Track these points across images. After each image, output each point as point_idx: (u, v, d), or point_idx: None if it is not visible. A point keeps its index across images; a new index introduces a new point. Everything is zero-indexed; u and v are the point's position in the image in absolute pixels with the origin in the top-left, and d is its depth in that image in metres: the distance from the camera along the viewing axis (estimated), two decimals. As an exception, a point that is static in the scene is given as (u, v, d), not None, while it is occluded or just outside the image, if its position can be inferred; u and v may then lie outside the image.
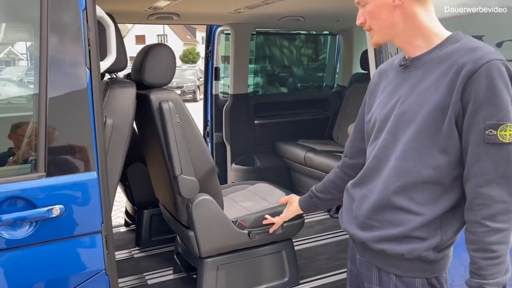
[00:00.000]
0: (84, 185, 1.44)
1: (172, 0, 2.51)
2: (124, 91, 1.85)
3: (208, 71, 3.83)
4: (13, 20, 1.69)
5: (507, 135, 1.05)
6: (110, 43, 1.65)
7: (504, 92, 1.05)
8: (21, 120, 1.52)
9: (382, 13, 1.19)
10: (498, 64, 1.05)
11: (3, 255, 1.34)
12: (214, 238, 2.07)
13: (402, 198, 1.18)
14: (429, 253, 1.17)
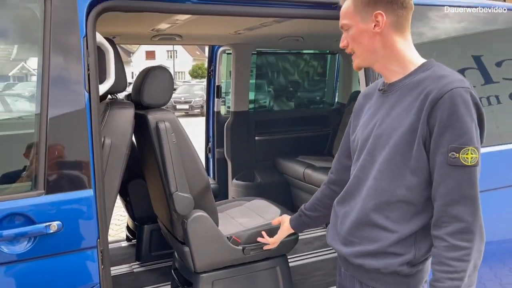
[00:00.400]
0: (81, 202, 1.51)
1: (173, 23, 2.61)
2: (123, 112, 1.94)
3: (210, 89, 3.93)
4: (17, 41, 1.80)
5: (469, 158, 1.12)
6: (109, 68, 1.75)
7: (467, 117, 1.12)
8: (21, 139, 1.61)
9: (363, 38, 1.27)
10: (461, 91, 1.13)
11: (2, 269, 1.42)
12: (209, 254, 2.13)
13: (378, 216, 1.26)
14: (403, 268, 1.24)
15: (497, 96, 2.36)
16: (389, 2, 1.23)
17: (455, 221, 1.13)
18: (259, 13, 1.98)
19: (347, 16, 1.29)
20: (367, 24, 1.25)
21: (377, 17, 1.24)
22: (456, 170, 1.13)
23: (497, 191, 2.27)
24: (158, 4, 1.74)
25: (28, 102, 1.59)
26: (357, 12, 1.26)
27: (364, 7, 1.25)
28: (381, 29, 1.24)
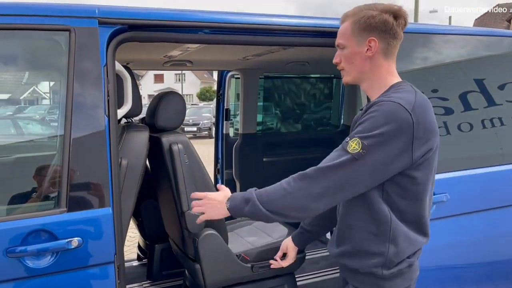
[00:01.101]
0: (100, 219, 1.61)
1: (184, 50, 2.75)
2: (138, 135, 2.05)
3: (219, 112, 4.05)
4: (43, 69, 1.93)
5: (351, 146, 1.27)
6: (127, 94, 1.87)
7: (379, 121, 1.26)
8: (45, 159, 1.72)
9: (355, 59, 1.41)
10: (389, 103, 1.27)
11: (27, 282, 1.51)
12: (219, 271, 2.20)
13: (350, 217, 1.42)
14: (378, 269, 1.36)
15: (500, 118, 2.44)
16: (383, 31, 1.36)
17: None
18: (267, 42, 2.11)
19: (344, 37, 1.42)
20: (361, 48, 1.38)
21: (370, 43, 1.37)
22: (339, 149, 1.31)
23: (502, 210, 2.34)
24: (173, 35, 1.87)
25: (52, 126, 1.71)
26: (353, 35, 1.39)
27: (360, 32, 1.38)
28: (372, 54, 1.38)
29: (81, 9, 1.68)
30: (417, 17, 18.09)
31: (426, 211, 1.41)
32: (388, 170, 1.28)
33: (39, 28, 1.62)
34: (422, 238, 1.42)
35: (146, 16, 1.79)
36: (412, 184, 1.34)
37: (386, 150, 1.25)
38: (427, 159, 1.33)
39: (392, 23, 1.36)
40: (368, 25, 1.37)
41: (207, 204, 1.56)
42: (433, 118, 1.34)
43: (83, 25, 1.66)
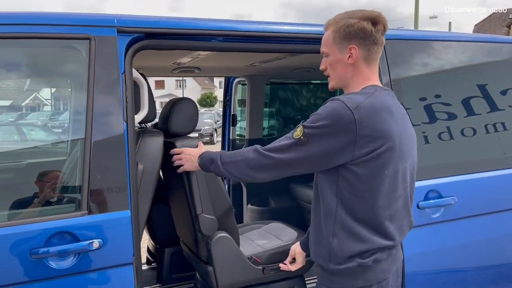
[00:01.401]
0: (120, 222, 1.66)
1: (195, 57, 2.81)
2: (153, 140, 2.11)
3: (226, 118, 4.11)
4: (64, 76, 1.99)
5: (296, 131, 1.44)
6: (143, 100, 1.93)
7: (322, 115, 1.39)
8: (66, 164, 1.78)
9: (338, 66, 1.49)
10: (336, 102, 1.39)
11: (50, 283, 1.56)
12: (231, 273, 2.24)
13: (312, 210, 1.57)
14: (325, 262, 1.46)
15: (503, 123, 2.50)
16: (363, 38, 1.43)
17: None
18: (277, 49, 2.17)
19: (327, 45, 1.50)
20: (343, 55, 1.46)
21: (351, 50, 1.44)
22: (289, 134, 1.48)
23: (506, 213, 2.38)
24: (187, 43, 1.93)
25: (73, 131, 1.76)
26: (335, 43, 1.47)
27: (341, 40, 1.45)
28: (353, 61, 1.45)
29: (101, 18, 1.75)
30: (417, 23, 18.19)
31: (383, 212, 1.42)
32: (328, 160, 1.40)
33: (61, 37, 1.68)
34: (379, 239, 1.43)
35: (162, 25, 1.86)
36: (356, 180, 1.39)
37: (325, 141, 1.37)
38: (373, 159, 1.37)
39: (370, 30, 1.42)
40: (347, 33, 1.43)
41: (184, 158, 1.93)
42: (384, 121, 1.37)
43: (102, 34, 1.72)
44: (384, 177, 1.40)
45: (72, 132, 1.79)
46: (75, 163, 1.70)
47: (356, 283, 1.44)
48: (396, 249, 1.51)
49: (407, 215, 1.52)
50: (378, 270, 1.45)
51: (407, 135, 1.47)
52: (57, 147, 1.90)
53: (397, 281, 1.55)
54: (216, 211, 2.21)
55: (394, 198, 1.44)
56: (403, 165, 1.44)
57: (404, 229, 1.51)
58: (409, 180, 1.51)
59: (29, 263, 1.52)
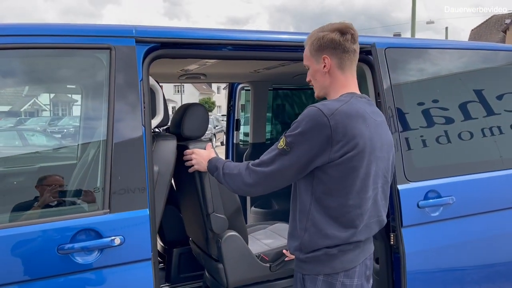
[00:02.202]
0: (140, 220, 1.77)
1: (202, 64, 2.93)
2: (167, 143, 2.22)
3: (230, 123, 4.22)
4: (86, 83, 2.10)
5: (280, 142, 1.57)
6: (159, 105, 2.04)
7: (300, 123, 1.51)
8: (89, 165, 1.89)
9: (317, 76, 1.65)
10: (311, 108, 1.51)
11: (75, 277, 1.66)
12: (240, 270, 2.35)
13: (291, 207, 1.69)
14: (297, 252, 1.62)
15: (499, 127, 2.61)
16: (333, 48, 1.59)
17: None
18: (282, 57, 2.29)
19: (306, 58, 1.67)
20: (319, 65, 1.62)
21: (324, 60, 1.60)
22: (273, 146, 1.60)
23: (502, 212, 2.49)
24: (200, 52, 2.05)
25: (96, 135, 1.87)
26: (311, 55, 1.63)
27: (316, 52, 1.61)
28: (327, 69, 1.61)
29: (120, 29, 1.86)
30: (414, 29, 18.39)
31: (353, 211, 1.55)
32: (309, 164, 1.51)
33: (83, 47, 1.79)
34: (347, 235, 1.55)
35: (176, 35, 1.97)
36: (330, 182, 1.52)
37: (306, 146, 1.49)
38: (345, 161, 1.49)
39: (339, 40, 1.58)
40: (320, 45, 1.60)
41: (195, 158, 2.12)
42: (356, 127, 1.49)
43: (122, 44, 1.83)
44: (355, 179, 1.52)
45: (96, 136, 1.89)
46: (98, 164, 1.81)
47: (323, 270, 1.58)
48: (364, 243, 1.65)
49: (377, 215, 1.65)
50: (344, 260, 1.58)
51: (381, 140, 1.59)
52: (81, 149, 2.01)
53: (366, 272, 1.66)
54: (227, 210, 2.32)
55: (365, 199, 1.56)
56: (374, 168, 1.56)
57: (373, 227, 1.65)
58: (381, 182, 1.63)
59: (56, 258, 1.63)
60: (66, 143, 2.77)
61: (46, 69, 1.90)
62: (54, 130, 4.81)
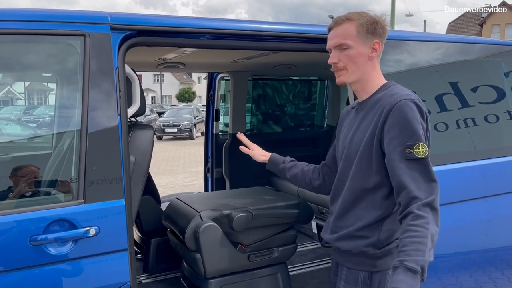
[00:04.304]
0: (114, 210, 1.75)
1: (180, 53, 2.89)
2: (144, 133, 2.19)
3: (209, 113, 4.20)
4: (60, 71, 2.05)
5: (421, 152, 1.40)
6: (135, 94, 2.01)
7: (414, 121, 1.42)
8: (63, 155, 1.84)
9: (359, 59, 1.54)
10: (407, 102, 1.44)
11: (49, 268, 1.63)
12: (218, 260, 2.35)
13: (353, 208, 1.58)
14: (369, 249, 1.52)
15: (473, 119, 2.67)
16: (381, 37, 1.56)
17: (418, 200, 1.36)
18: (265, 47, 2.28)
19: (350, 38, 1.53)
20: (366, 49, 1.54)
21: (374, 45, 1.54)
22: (412, 163, 1.40)
23: (475, 201, 2.56)
24: (177, 40, 2.02)
25: (71, 124, 1.83)
26: (359, 36, 1.52)
27: (366, 34, 1.53)
28: (376, 55, 1.56)
29: (95, 16, 1.81)
30: (393, 21, 18.57)
31: None
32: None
33: (56, 34, 1.74)
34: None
35: (153, 23, 1.93)
36: None
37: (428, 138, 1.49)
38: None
39: (387, 31, 1.58)
40: (374, 29, 1.53)
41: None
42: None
43: (97, 31, 1.79)
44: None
45: (70, 125, 1.85)
46: (71, 154, 1.77)
47: (392, 263, 1.41)
48: None
49: None
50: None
51: None
52: (57, 139, 1.96)
53: None
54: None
55: None
56: None
57: None
58: None
59: (28, 249, 1.59)
60: (40, 132, 2.71)
61: (19, 57, 1.84)
62: (29, 119, 4.71)
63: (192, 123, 20.51)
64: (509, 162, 2.63)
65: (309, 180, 1.92)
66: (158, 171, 10.50)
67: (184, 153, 14.93)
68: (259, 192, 2.84)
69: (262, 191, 2.92)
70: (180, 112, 22.12)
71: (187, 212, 2.49)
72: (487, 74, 2.77)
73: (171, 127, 20.03)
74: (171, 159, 13.24)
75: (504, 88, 2.75)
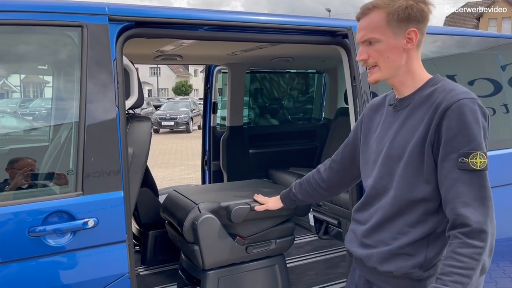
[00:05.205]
0: (113, 202, 1.75)
1: (178, 45, 2.88)
2: (142, 125, 2.19)
3: (207, 106, 4.20)
4: (57, 62, 2.03)
5: (478, 163, 1.18)
6: (133, 86, 2.00)
7: (474, 125, 1.20)
8: (61, 146, 1.84)
9: (392, 53, 1.31)
10: (468, 102, 1.22)
11: (48, 259, 1.63)
12: (216, 252, 2.36)
13: (395, 222, 1.35)
14: (415, 270, 1.29)
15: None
16: (419, 22, 1.29)
17: (469, 222, 1.16)
18: (260, 39, 2.27)
19: (378, 30, 1.30)
20: (399, 40, 1.29)
21: (410, 34, 1.29)
22: (466, 174, 1.19)
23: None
24: (176, 32, 2.01)
25: (68, 116, 1.83)
26: (390, 27, 1.29)
27: (398, 23, 1.28)
28: (412, 46, 1.30)
29: (93, 6, 1.80)
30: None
31: None
32: None
33: (54, 24, 1.73)
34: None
35: (151, 14, 1.93)
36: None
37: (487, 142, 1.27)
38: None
39: (427, 13, 1.30)
40: (407, 15, 1.28)
41: None
42: None
43: (94, 22, 1.78)
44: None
45: (68, 117, 1.84)
46: (70, 146, 1.76)
47: (431, 282, 1.31)
48: None
49: None
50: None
51: None
52: (54, 132, 1.96)
53: None
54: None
55: None
56: None
57: None
58: None
59: (27, 240, 1.60)
60: (37, 125, 2.69)
61: (14, 48, 1.83)
62: (25, 112, 4.69)
63: (189, 117, 20.47)
64: (506, 155, 2.64)
65: (317, 184, 1.81)
66: (155, 164, 10.49)
67: (181, 146, 14.91)
68: (257, 185, 2.84)
69: (259, 183, 2.92)
70: (177, 105, 22.06)
71: (185, 204, 2.49)
72: (484, 67, 2.78)
73: (168, 120, 19.98)
74: (168, 152, 13.23)
75: (501, 81, 2.76)
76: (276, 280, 2.58)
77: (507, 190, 2.63)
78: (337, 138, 4.13)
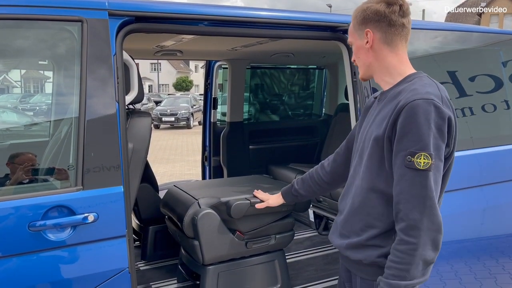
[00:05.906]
0: (113, 196, 1.75)
1: (178, 41, 2.88)
2: (142, 120, 2.19)
3: (207, 101, 4.19)
4: (57, 57, 2.03)
5: (422, 163, 1.25)
6: (133, 81, 2.00)
7: (424, 126, 1.25)
8: (62, 141, 1.84)
9: (361, 53, 1.48)
10: (422, 103, 1.26)
11: (48, 253, 1.64)
12: (216, 247, 2.37)
13: (362, 212, 1.44)
14: (382, 259, 1.38)
15: (470, 108, 2.67)
16: (377, 21, 1.41)
17: (405, 218, 1.27)
18: (261, 34, 2.26)
19: (350, 34, 1.52)
20: (362, 41, 1.45)
21: (366, 34, 1.43)
22: (410, 172, 1.26)
23: (471, 190, 2.57)
24: (175, 27, 2.01)
25: (68, 111, 1.83)
26: (355, 30, 1.48)
27: (359, 26, 1.45)
28: (370, 45, 1.43)
29: (93, 1, 1.80)
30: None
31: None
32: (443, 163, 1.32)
33: (53, 19, 1.73)
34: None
35: (151, 9, 1.92)
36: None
37: (443, 146, 1.31)
38: (449, 157, 1.38)
39: (384, 11, 1.39)
40: (363, 18, 1.43)
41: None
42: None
43: (94, 17, 1.77)
44: (447, 177, 1.42)
45: (68, 112, 1.84)
46: (70, 141, 1.77)
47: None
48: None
49: None
50: None
51: None
52: (54, 127, 1.96)
53: None
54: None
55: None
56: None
57: None
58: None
59: (27, 235, 1.60)
60: (38, 120, 2.69)
61: (15, 43, 1.83)
62: (26, 107, 4.69)
63: (190, 112, 20.46)
64: (506, 151, 2.64)
65: (320, 179, 1.85)
66: (155, 160, 10.50)
67: (181, 142, 14.91)
68: (257, 180, 2.85)
69: (259, 179, 2.93)
70: (178, 101, 22.05)
71: (185, 199, 2.50)
72: (485, 63, 2.77)
73: (168, 116, 19.98)
74: (168, 148, 13.23)
75: (502, 77, 2.76)
76: (275, 275, 2.59)
77: (509, 186, 2.63)
78: (338, 134, 4.13)
